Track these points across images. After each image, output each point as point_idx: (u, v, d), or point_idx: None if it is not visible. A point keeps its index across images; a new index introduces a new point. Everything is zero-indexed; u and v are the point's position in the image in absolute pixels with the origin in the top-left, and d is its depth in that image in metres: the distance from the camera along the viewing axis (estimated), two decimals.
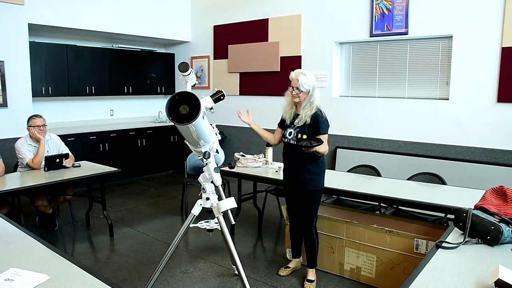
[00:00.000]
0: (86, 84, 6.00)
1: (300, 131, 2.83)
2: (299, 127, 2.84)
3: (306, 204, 2.90)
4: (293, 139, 2.86)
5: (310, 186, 2.86)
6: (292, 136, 2.87)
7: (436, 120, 4.58)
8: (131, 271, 3.25)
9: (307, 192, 2.87)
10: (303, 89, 2.76)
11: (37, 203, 3.88)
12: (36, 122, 3.88)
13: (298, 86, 2.76)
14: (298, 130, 2.84)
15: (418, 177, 3.65)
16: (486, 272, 1.55)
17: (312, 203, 2.90)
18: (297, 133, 2.85)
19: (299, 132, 2.84)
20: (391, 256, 2.89)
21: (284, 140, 2.94)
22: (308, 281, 3.01)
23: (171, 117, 2.14)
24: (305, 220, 2.94)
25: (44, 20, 5.18)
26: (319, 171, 2.89)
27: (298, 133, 2.84)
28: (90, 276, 1.58)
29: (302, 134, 2.82)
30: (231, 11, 6.41)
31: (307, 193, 2.87)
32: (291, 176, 2.95)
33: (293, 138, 2.86)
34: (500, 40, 4.09)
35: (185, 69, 2.29)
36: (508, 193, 2.06)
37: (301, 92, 2.77)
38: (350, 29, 5.14)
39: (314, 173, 2.86)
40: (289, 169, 2.97)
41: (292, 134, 2.87)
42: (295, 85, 2.78)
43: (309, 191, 2.87)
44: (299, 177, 2.88)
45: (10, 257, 1.76)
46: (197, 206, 2.57)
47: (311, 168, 2.85)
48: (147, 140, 6.52)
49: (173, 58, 7.31)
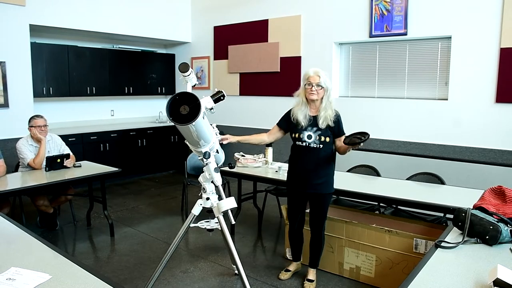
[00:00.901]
0: (87, 85, 6.02)
1: (322, 134, 2.75)
2: (321, 130, 2.76)
3: (321, 207, 2.87)
4: (314, 142, 2.76)
5: (325, 189, 2.84)
6: (313, 140, 2.76)
7: (435, 120, 4.59)
8: (131, 271, 3.26)
9: (322, 196, 2.84)
10: (324, 85, 2.72)
11: (38, 203, 3.89)
12: (37, 123, 3.89)
13: (318, 82, 2.70)
14: (320, 133, 2.76)
15: (418, 177, 3.66)
16: (485, 272, 1.56)
17: (326, 206, 2.89)
18: (319, 136, 2.76)
19: (321, 135, 2.75)
20: (391, 256, 2.90)
21: (302, 144, 2.80)
22: (308, 280, 3.01)
23: (172, 117, 2.15)
24: (318, 223, 2.92)
25: (45, 21, 5.19)
26: (332, 172, 2.88)
27: (321, 136, 2.76)
28: (91, 275, 1.59)
29: (325, 137, 2.75)
30: (231, 12, 6.42)
31: (322, 197, 2.85)
32: (304, 181, 2.84)
33: (315, 142, 2.76)
34: (499, 41, 4.10)
35: (185, 70, 2.29)
36: (506, 193, 2.07)
37: (321, 89, 2.72)
38: (349, 29, 5.15)
39: (329, 174, 2.85)
40: (302, 174, 2.84)
41: (312, 137, 2.77)
42: (315, 81, 2.71)
43: (324, 195, 2.85)
44: (315, 182, 2.80)
45: (12, 256, 1.77)
46: (197, 206, 2.57)
47: (327, 170, 2.82)
48: (147, 140, 6.53)
49: (174, 59, 7.32)
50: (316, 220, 2.93)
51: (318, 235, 2.97)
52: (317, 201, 2.87)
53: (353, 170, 4.03)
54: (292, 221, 3.05)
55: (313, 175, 2.81)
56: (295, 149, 2.88)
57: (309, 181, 2.82)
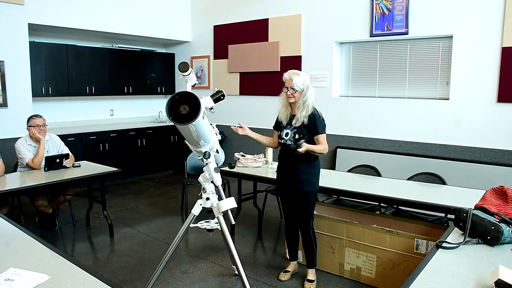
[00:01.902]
0: (86, 84, 6.00)
1: (297, 132, 2.83)
2: (296, 128, 2.84)
3: (302, 205, 2.89)
4: (290, 140, 2.85)
5: (306, 187, 2.85)
6: (289, 137, 2.86)
7: (436, 120, 4.58)
8: (131, 271, 3.25)
9: (303, 193, 2.87)
10: (297, 89, 2.77)
11: (37, 203, 3.88)
12: (36, 122, 3.88)
13: (292, 85, 2.77)
14: (295, 131, 2.84)
15: (418, 177, 3.65)
16: (486, 272, 1.55)
17: (308, 204, 2.90)
18: (294, 133, 2.84)
19: (296, 133, 2.83)
20: (391, 256, 2.89)
21: (281, 141, 2.92)
22: (308, 281, 3.01)
23: (171, 117, 2.14)
24: (302, 221, 2.94)
25: (44, 20, 5.18)
26: (315, 171, 2.89)
27: (295, 134, 2.83)
28: (90, 276, 1.58)
29: (299, 135, 2.81)
30: (231, 11, 6.41)
31: (303, 194, 2.87)
32: (286, 177, 2.92)
33: (290, 139, 2.85)
34: (500, 40, 4.09)
35: (185, 69, 2.29)
36: (508, 193, 2.06)
37: (296, 92, 2.78)
38: (350, 29, 5.14)
39: (310, 173, 2.86)
40: (284, 170, 2.94)
41: (289, 134, 2.86)
42: (289, 85, 2.79)
43: (305, 192, 2.86)
44: (295, 178, 2.86)
45: (10, 257, 1.76)
46: (197, 206, 2.56)
47: (307, 168, 2.85)
48: (147, 140, 6.52)
49: (173, 58, 7.31)
50: (300, 218, 2.94)
51: (306, 234, 2.97)
52: (299, 199, 2.89)
53: (353, 170, 4.02)
54: (285, 218, 3.10)
55: (292, 171, 2.87)
56: (280, 147, 2.98)
57: (290, 177, 2.89)
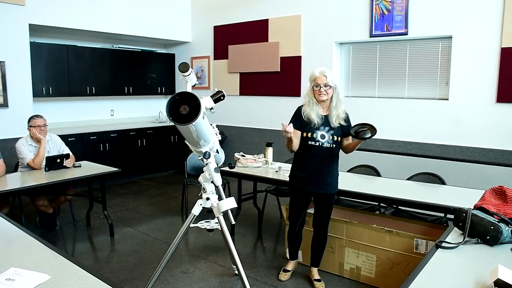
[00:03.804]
0: (87, 84, 6.01)
1: (335, 133, 2.76)
2: (334, 129, 2.76)
3: (329, 207, 2.92)
4: (328, 142, 2.75)
5: (334, 188, 2.88)
6: (327, 139, 2.75)
7: (435, 120, 4.59)
8: (131, 271, 3.26)
9: (332, 196, 2.89)
10: (332, 84, 2.70)
11: (37, 203, 3.89)
12: (37, 122, 3.88)
13: (326, 82, 2.68)
14: (332, 132, 2.76)
15: (418, 177, 3.65)
16: (486, 272, 1.55)
17: (332, 205, 2.95)
18: (332, 135, 2.76)
19: (334, 135, 2.76)
20: (391, 256, 2.90)
21: (314, 144, 2.75)
22: (317, 281, 3.00)
23: (172, 117, 2.14)
24: (325, 222, 2.95)
25: (45, 21, 5.18)
26: (338, 172, 2.93)
27: (333, 136, 2.76)
28: (90, 275, 1.58)
29: (337, 137, 2.77)
30: (231, 11, 6.41)
31: (331, 196, 2.89)
32: (316, 181, 2.81)
33: (328, 141, 2.75)
34: (500, 41, 4.10)
35: (185, 69, 2.29)
36: (507, 193, 2.06)
37: (330, 88, 2.70)
38: (350, 29, 5.14)
39: (337, 174, 2.90)
40: (316, 173, 2.80)
41: (325, 137, 2.75)
42: (323, 82, 2.67)
43: (332, 194, 2.90)
44: (326, 181, 2.81)
45: (11, 256, 1.76)
46: (197, 206, 2.57)
47: (336, 171, 2.88)
48: (147, 140, 6.53)
49: (173, 59, 7.31)
50: (322, 220, 2.95)
51: (323, 235, 2.99)
52: (325, 201, 2.89)
53: (353, 170, 4.03)
54: (294, 221, 2.99)
55: (326, 175, 2.81)
56: (307, 149, 2.79)
57: (322, 181, 2.81)
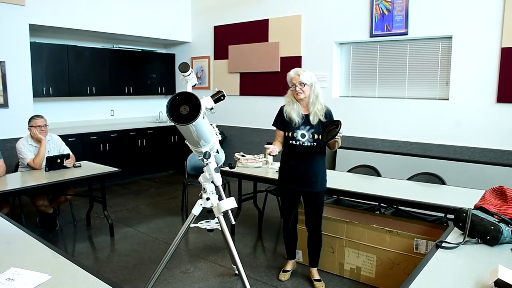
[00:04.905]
0: (87, 85, 6.01)
1: (315, 131, 2.78)
2: (314, 127, 2.78)
3: (318, 205, 2.91)
4: (308, 141, 2.78)
5: (320, 186, 2.87)
6: (307, 138, 2.78)
7: (436, 120, 4.59)
8: (131, 271, 3.26)
9: (318, 194, 2.88)
10: (306, 82, 2.74)
11: (38, 203, 3.89)
12: (37, 122, 3.88)
13: (300, 80, 2.74)
14: (313, 131, 2.78)
15: (418, 177, 3.65)
16: (486, 272, 1.55)
17: (322, 203, 2.95)
18: (312, 134, 2.78)
19: (314, 133, 2.78)
20: (391, 256, 2.90)
21: (295, 143, 2.81)
22: (317, 281, 3.00)
23: (172, 117, 2.14)
24: (316, 221, 2.95)
25: (45, 21, 5.18)
26: (325, 169, 2.92)
27: (314, 134, 2.78)
28: (90, 275, 1.59)
29: (318, 135, 2.77)
30: (231, 11, 6.41)
31: (318, 194, 2.88)
32: (301, 179, 2.84)
33: (308, 140, 2.78)
34: (500, 41, 4.09)
35: (185, 70, 2.29)
36: (507, 193, 2.06)
37: (305, 86, 2.74)
38: (350, 29, 5.14)
39: (323, 172, 2.89)
40: (298, 172, 2.84)
41: (305, 136, 2.79)
42: (297, 81, 2.75)
43: (319, 192, 2.88)
44: (311, 179, 2.83)
45: (11, 256, 1.77)
46: (198, 206, 2.57)
47: (321, 168, 2.87)
48: (147, 140, 6.53)
49: (174, 59, 7.31)
50: (313, 218, 2.94)
51: (316, 234, 2.98)
52: (313, 199, 2.89)
53: (353, 170, 4.03)
54: (286, 218, 3.06)
55: (310, 173, 2.83)
56: (289, 148, 2.87)
57: (306, 179, 2.84)
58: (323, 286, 2.98)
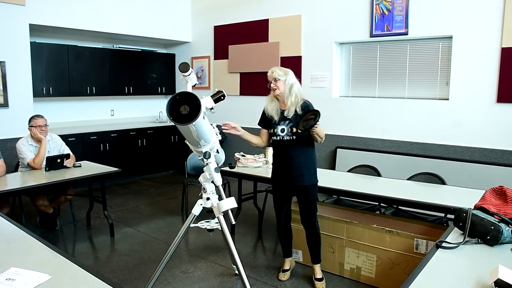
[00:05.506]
0: (87, 84, 6.01)
1: (293, 125, 2.81)
2: (291, 121, 2.82)
3: (308, 199, 2.90)
4: (287, 135, 2.83)
5: (308, 180, 2.86)
6: (286, 132, 2.83)
7: (436, 120, 4.59)
8: (131, 271, 3.26)
9: (305, 188, 2.87)
10: (279, 77, 2.80)
11: (38, 203, 3.89)
12: (38, 122, 3.88)
13: (274, 77, 2.82)
14: (291, 125, 2.82)
15: (418, 177, 3.65)
16: (486, 272, 1.55)
17: (312, 198, 2.92)
18: (290, 127, 2.82)
19: (293, 127, 2.81)
20: (391, 256, 2.90)
21: (276, 138, 2.87)
22: (317, 280, 2.99)
23: (172, 117, 2.14)
24: (308, 216, 2.94)
25: (45, 21, 5.18)
26: (313, 162, 2.91)
27: (292, 128, 2.82)
28: (90, 275, 1.59)
29: (297, 128, 2.78)
30: (231, 11, 6.41)
31: (305, 189, 2.87)
32: (286, 174, 2.89)
33: (287, 134, 2.83)
34: (500, 41, 4.09)
35: (185, 69, 2.29)
36: (507, 193, 2.06)
37: (278, 81, 2.80)
38: (350, 29, 5.14)
39: (310, 166, 2.88)
40: (283, 167, 2.91)
41: (285, 130, 2.84)
42: (271, 77, 2.84)
43: (308, 186, 2.87)
44: (296, 173, 2.85)
45: (11, 256, 1.77)
46: (198, 206, 2.57)
47: (306, 161, 2.86)
48: (147, 140, 6.53)
49: (174, 59, 7.32)
50: (306, 213, 2.94)
51: (312, 229, 2.97)
52: (303, 194, 2.90)
53: (353, 170, 4.03)
54: (278, 214, 3.06)
55: (293, 167, 2.85)
56: (274, 145, 2.95)
57: (291, 173, 2.87)
58: (324, 285, 2.97)
